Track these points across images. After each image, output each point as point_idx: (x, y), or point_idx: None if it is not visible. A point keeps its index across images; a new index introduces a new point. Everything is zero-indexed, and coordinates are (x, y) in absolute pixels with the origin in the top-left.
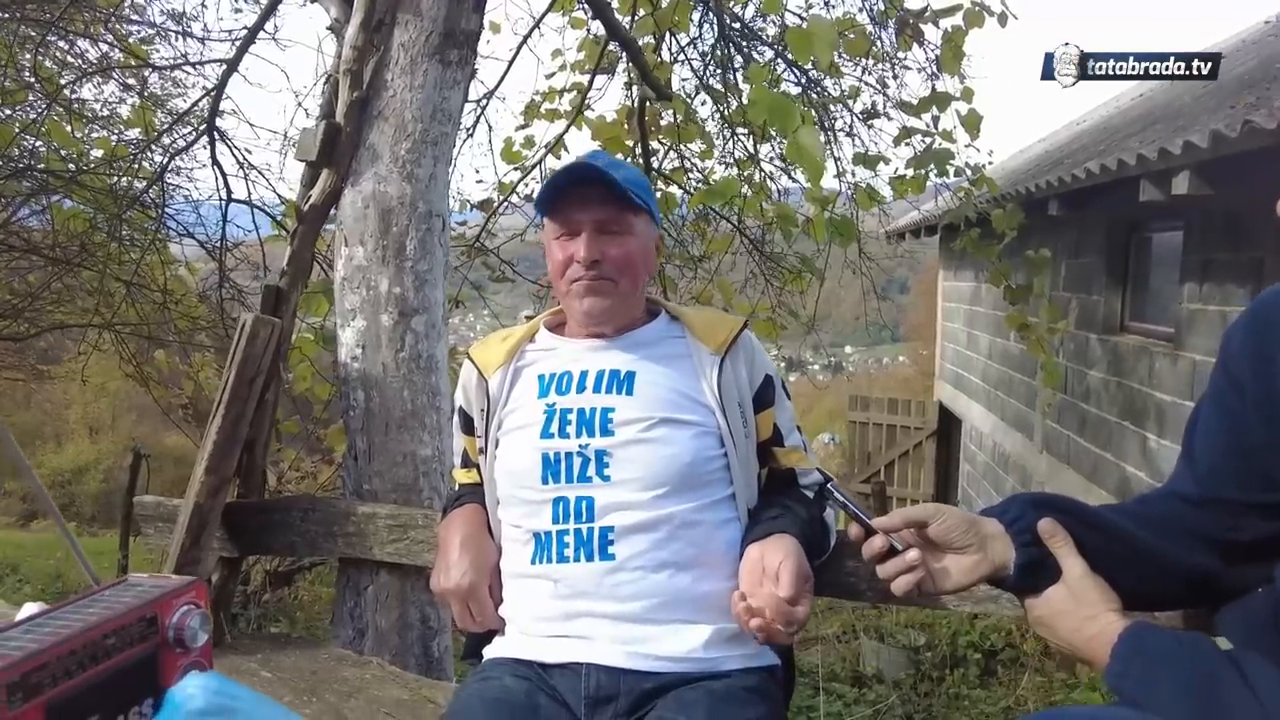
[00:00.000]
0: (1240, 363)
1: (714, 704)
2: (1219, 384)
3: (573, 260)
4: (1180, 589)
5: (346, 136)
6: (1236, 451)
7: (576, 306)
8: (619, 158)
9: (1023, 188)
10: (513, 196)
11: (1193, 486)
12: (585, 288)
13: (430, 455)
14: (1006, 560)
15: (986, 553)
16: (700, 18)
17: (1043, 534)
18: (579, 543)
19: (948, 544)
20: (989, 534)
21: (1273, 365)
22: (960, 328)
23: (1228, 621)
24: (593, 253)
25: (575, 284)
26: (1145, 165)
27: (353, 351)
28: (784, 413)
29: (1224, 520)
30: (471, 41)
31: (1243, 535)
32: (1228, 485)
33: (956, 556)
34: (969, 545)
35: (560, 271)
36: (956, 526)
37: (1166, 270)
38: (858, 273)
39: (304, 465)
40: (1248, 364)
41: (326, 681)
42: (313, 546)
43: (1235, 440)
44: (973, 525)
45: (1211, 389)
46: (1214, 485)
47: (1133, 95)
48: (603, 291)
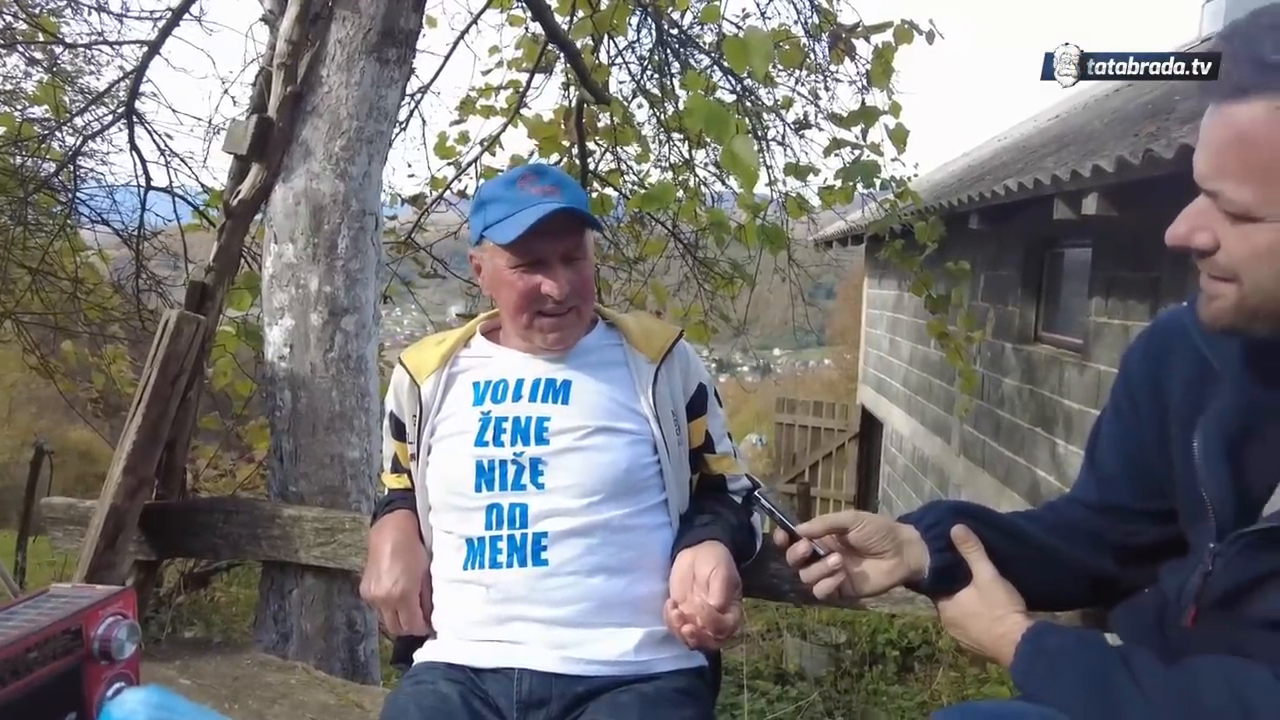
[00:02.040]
0: (1138, 380)
1: (645, 706)
2: (1119, 398)
3: (538, 293)
4: (1082, 589)
5: (279, 131)
6: (1133, 462)
7: (538, 339)
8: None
9: (945, 201)
10: (446, 193)
11: (1094, 493)
12: (553, 324)
13: (359, 458)
14: (922, 565)
15: (903, 557)
16: (639, 22)
17: (956, 540)
18: (512, 548)
19: (867, 549)
20: (906, 539)
21: (1165, 385)
22: (883, 334)
23: (1119, 619)
24: (565, 287)
25: (542, 319)
26: (1059, 185)
27: (280, 351)
28: (716, 420)
29: (1121, 525)
30: (410, 40)
31: (1138, 540)
32: (1125, 493)
33: (875, 561)
34: (887, 550)
35: (524, 305)
36: (875, 533)
37: (1076, 285)
38: (787, 279)
39: (222, 463)
40: (1144, 382)
41: (249, 687)
42: (236, 549)
43: (1131, 451)
44: (890, 531)
45: (1112, 402)
46: (1113, 493)
47: (1049, 116)
48: (568, 324)
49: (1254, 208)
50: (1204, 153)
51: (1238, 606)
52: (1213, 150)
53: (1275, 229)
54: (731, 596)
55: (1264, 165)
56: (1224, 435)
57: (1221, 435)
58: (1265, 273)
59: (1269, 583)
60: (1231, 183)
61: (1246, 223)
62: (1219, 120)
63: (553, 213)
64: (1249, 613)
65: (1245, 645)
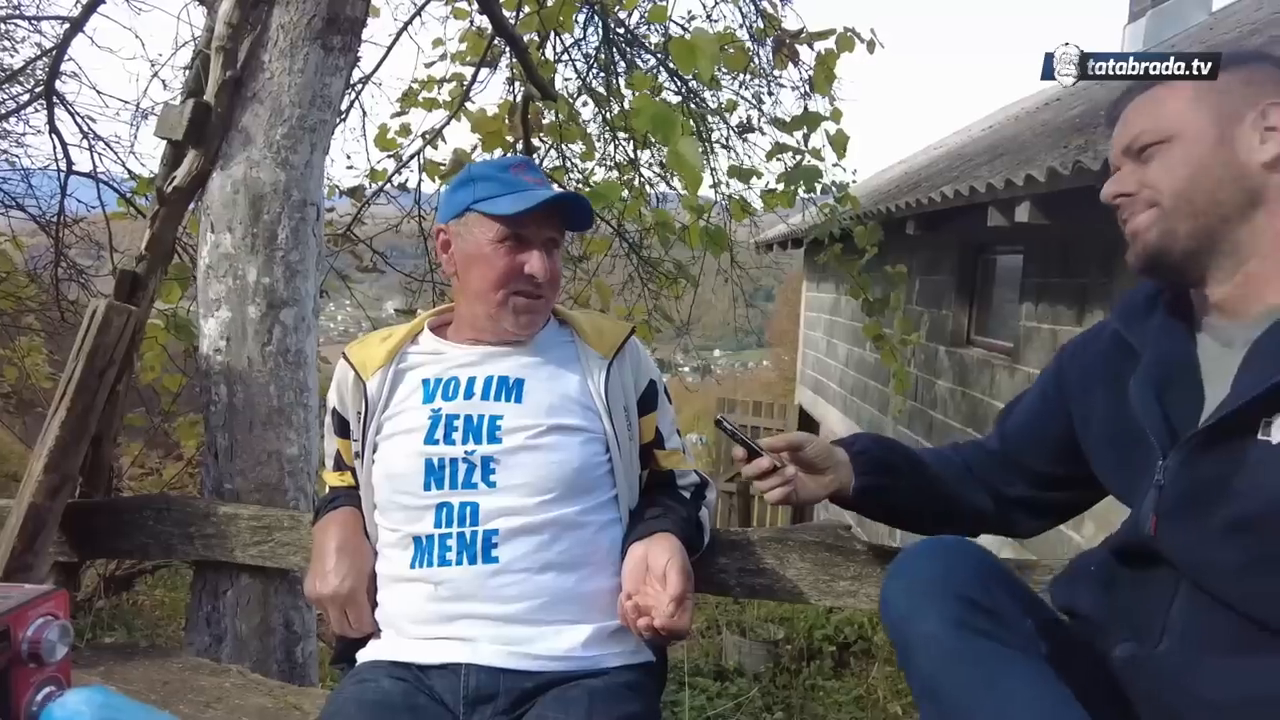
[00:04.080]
0: (1070, 371)
1: (594, 701)
2: (1048, 377)
3: (520, 272)
4: (960, 516)
5: (217, 117)
6: (1038, 430)
7: (510, 319)
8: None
9: (883, 207)
10: (387, 186)
11: (996, 443)
12: (527, 305)
13: (297, 454)
14: (848, 483)
15: (837, 475)
16: (585, 20)
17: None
18: (461, 546)
19: (812, 465)
20: (839, 460)
21: (1089, 375)
22: (821, 336)
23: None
24: (547, 271)
25: (518, 298)
26: (993, 193)
27: (216, 344)
28: (665, 416)
29: (1003, 474)
30: (356, 28)
31: (1011, 490)
32: (1019, 448)
33: (816, 476)
34: (827, 467)
35: (503, 281)
36: (821, 452)
37: (1008, 290)
38: (729, 280)
39: (148, 461)
40: (1076, 377)
41: (180, 692)
42: (167, 549)
43: (1040, 421)
44: (830, 452)
45: (1040, 381)
46: (1012, 446)
47: (983, 126)
48: (538, 309)
49: (1163, 131)
50: (1120, 130)
51: (1194, 512)
52: (1126, 122)
53: (1179, 140)
54: (687, 588)
55: (1163, 102)
56: (1151, 384)
57: (1150, 383)
58: (1180, 177)
59: (1218, 487)
60: (1143, 128)
61: (1159, 146)
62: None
63: (559, 199)
64: (1208, 521)
65: (1203, 551)
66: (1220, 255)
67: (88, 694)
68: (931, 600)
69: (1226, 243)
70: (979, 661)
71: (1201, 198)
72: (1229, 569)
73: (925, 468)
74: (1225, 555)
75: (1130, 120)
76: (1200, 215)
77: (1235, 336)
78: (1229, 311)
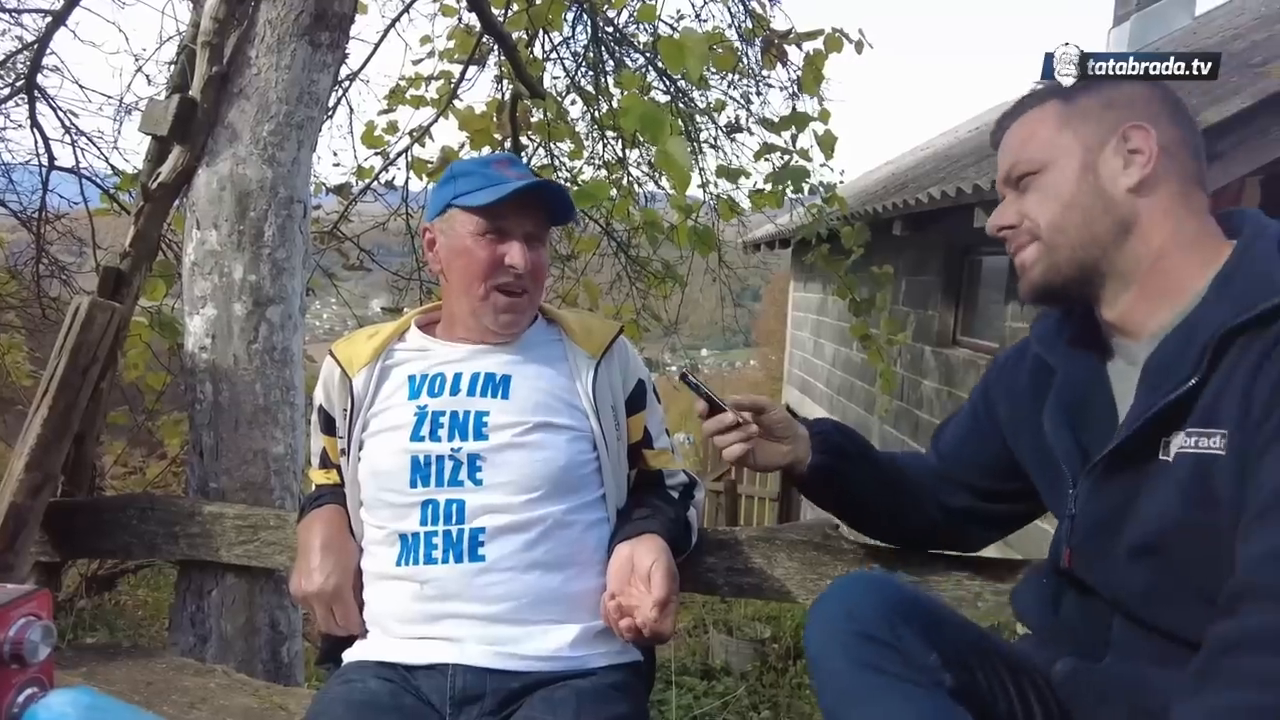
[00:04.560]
0: (996, 390)
1: (581, 702)
2: (978, 395)
3: (501, 264)
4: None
5: (203, 113)
6: (972, 447)
7: (491, 316)
8: None
9: (870, 208)
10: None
11: (935, 460)
12: (508, 303)
13: (283, 453)
14: (805, 458)
15: (795, 447)
16: (574, 19)
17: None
18: (448, 544)
19: (771, 431)
20: (799, 434)
21: (1013, 391)
22: (808, 335)
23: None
24: (528, 262)
25: (499, 294)
26: (980, 194)
27: (201, 341)
28: (654, 416)
29: (946, 486)
30: (344, 25)
31: (955, 501)
32: (956, 465)
33: (775, 444)
34: (786, 437)
35: (484, 274)
36: (782, 420)
37: (993, 291)
38: (716, 280)
39: (131, 460)
40: (1003, 394)
41: (164, 693)
42: (151, 549)
43: (971, 437)
44: (792, 424)
45: (972, 397)
46: (948, 462)
47: (970, 127)
48: (520, 307)
49: (1035, 161)
50: (1000, 158)
51: (1101, 540)
52: (1003, 151)
53: (1050, 169)
54: (672, 589)
55: (1034, 131)
56: (1063, 408)
57: (1061, 409)
58: (1053, 210)
59: (1122, 513)
60: (1017, 158)
61: (1033, 176)
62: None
63: (535, 186)
64: (1112, 547)
65: (1115, 578)
66: (1106, 279)
67: (73, 695)
68: (836, 637)
69: (1108, 268)
70: (874, 698)
71: (1075, 230)
72: (1137, 592)
73: (882, 464)
74: (1133, 580)
75: (1006, 149)
76: (1077, 247)
77: (1137, 355)
78: (1127, 332)
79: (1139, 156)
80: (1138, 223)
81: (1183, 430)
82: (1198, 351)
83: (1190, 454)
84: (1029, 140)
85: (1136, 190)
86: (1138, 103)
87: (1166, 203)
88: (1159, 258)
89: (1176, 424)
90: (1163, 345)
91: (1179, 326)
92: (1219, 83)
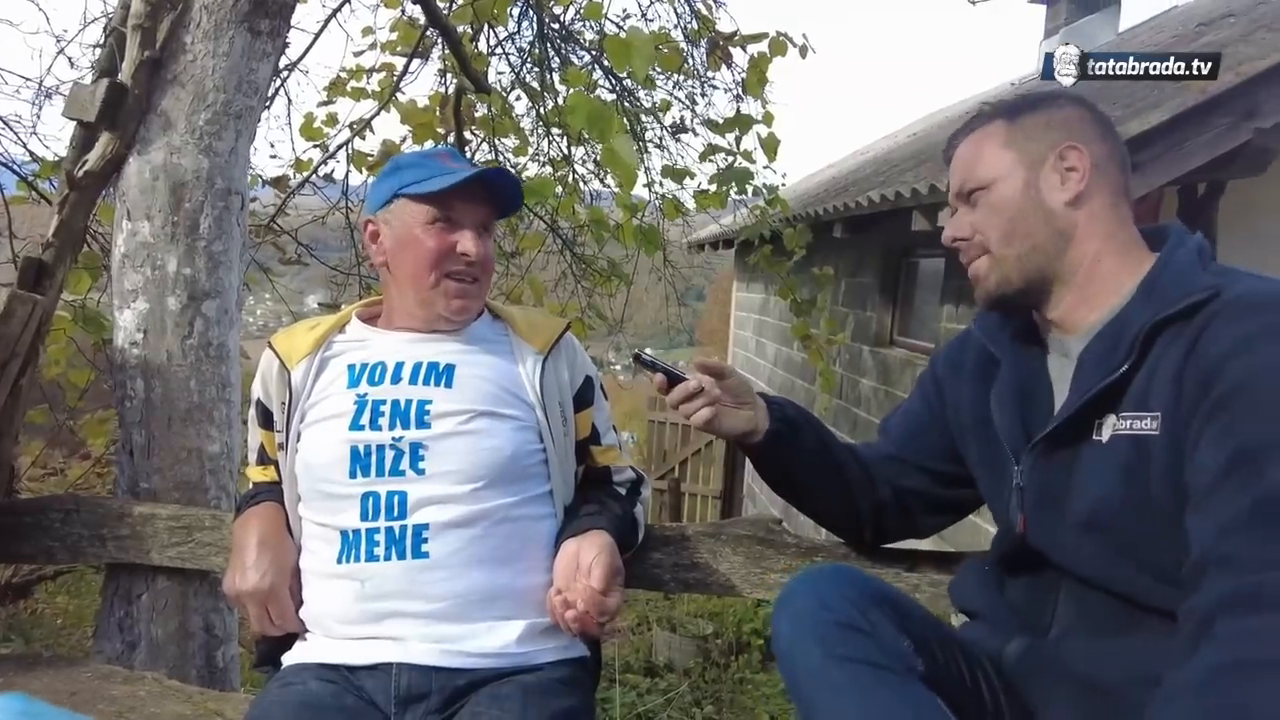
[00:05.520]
0: (942, 376)
1: (528, 697)
2: (927, 382)
3: (453, 251)
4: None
5: (134, 99)
6: (923, 433)
7: (443, 303)
8: None
9: (811, 210)
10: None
11: (886, 445)
12: (460, 289)
13: (218, 451)
14: (762, 426)
15: (755, 413)
16: (520, 14)
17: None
18: (390, 541)
19: (732, 396)
20: (759, 402)
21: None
22: (750, 335)
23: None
24: (480, 250)
25: (451, 279)
26: (918, 198)
27: (133, 336)
28: (601, 413)
29: (897, 469)
30: (285, 13)
31: (906, 482)
32: (908, 450)
33: (734, 410)
34: (746, 403)
35: (435, 262)
36: (743, 385)
37: (929, 293)
38: (662, 279)
39: (50, 461)
40: (944, 376)
41: (90, 702)
42: (75, 552)
43: (920, 422)
44: (751, 389)
45: (921, 384)
46: (900, 446)
47: (909, 133)
48: (473, 294)
49: (982, 178)
50: (951, 173)
51: (1048, 510)
52: (954, 167)
53: (996, 186)
54: (613, 582)
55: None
56: (1009, 394)
57: (1007, 394)
58: (1001, 225)
59: (1064, 486)
60: (966, 175)
61: (981, 192)
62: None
63: (484, 177)
64: (1060, 517)
65: (1068, 543)
66: (1052, 284)
67: (5, 701)
68: (812, 629)
69: (1053, 274)
70: (853, 687)
71: (1021, 242)
72: (1092, 557)
73: (834, 440)
74: (1084, 546)
75: (957, 165)
76: (1024, 258)
77: (1072, 349)
78: (1065, 328)
79: (1074, 174)
80: (1075, 233)
81: (1115, 414)
82: (1129, 342)
83: (1126, 435)
84: (978, 158)
85: (1073, 204)
86: (1072, 123)
87: (1099, 214)
88: (1094, 263)
89: (1109, 408)
90: (1096, 339)
91: (1110, 322)
92: (1140, 95)
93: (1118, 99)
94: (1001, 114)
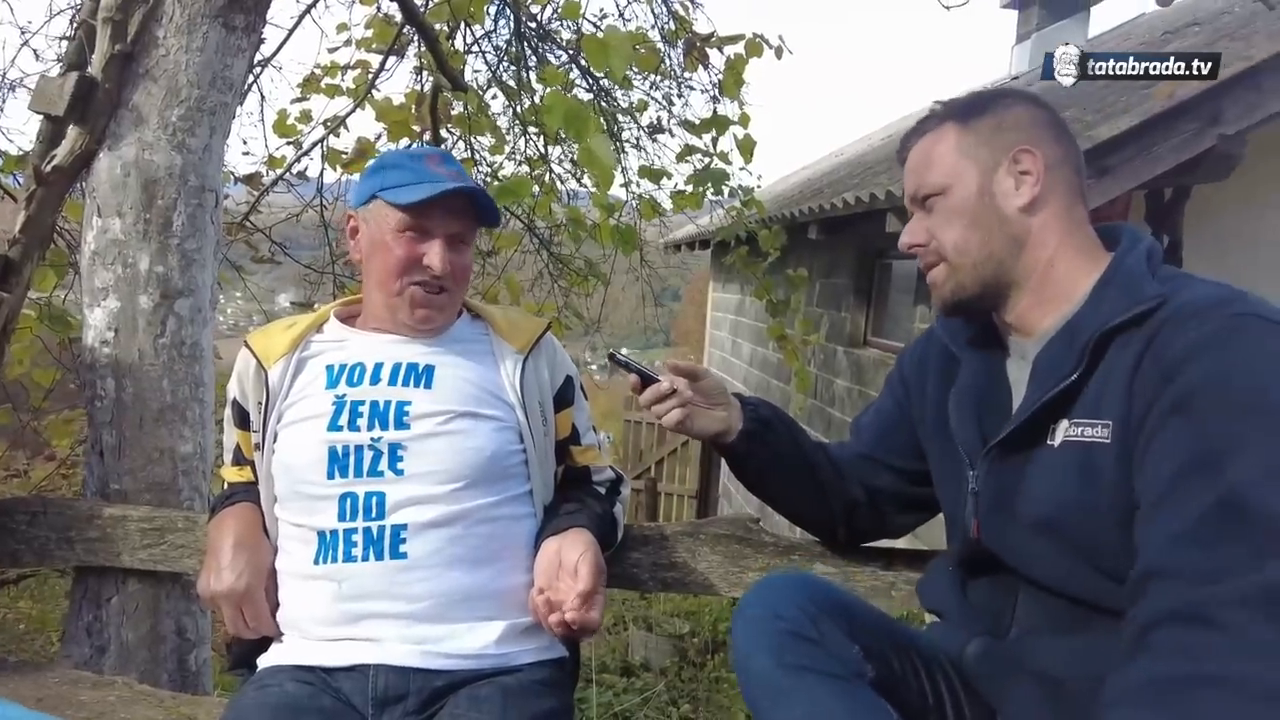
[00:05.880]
0: (908, 376)
1: (507, 698)
2: (894, 382)
3: (418, 263)
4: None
5: (104, 93)
6: (893, 431)
7: (406, 312)
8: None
9: (787, 212)
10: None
11: (859, 445)
12: (425, 298)
13: (191, 452)
14: (735, 426)
15: (729, 414)
16: (497, 12)
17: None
18: (368, 541)
19: (707, 396)
20: (732, 402)
21: (923, 377)
22: (726, 335)
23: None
24: (446, 265)
25: (415, 289)
26: (891, 200)
27: (103, 335)
28: (582, 413)
29: (868, 468)
30: (260, 8)
31: (877, 481)
32: (880, 449)
33: (708, 410)
34: (720, 404)
35: (400, 270)
36: (716, 387)
37: (902, 294)
38: (638, 279)
39: (14, 462)
40: (910, 376)
41: (58, 708)
42: (42, 555)
43: (888, 422)
44: (725, 389)
45: (889, 385)
46: (872, 446)
47: (882, 135)
48: (438, 305)
49: (937, 184)
50: (905, 177)
51: (1002, 514)
52: (908, 171)
53: (951, 191)
54: (599, 582)
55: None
56: (967, 397)
57: (965, 397)
58: (956, 231)
59: (1015, 490)
60: (920, 180)
61: (937, 197)
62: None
63: (460, 190)
64: (1012, 519)
65: (1020, 547)
66: (1008, 288)
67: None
68: (761, 637)
69: (1009, 279)
70: (801, 694)
71: (976, 249)
72: (1042, 559)
73: (808, 440)
74: (1037, 549)
75: (910, 170)
76: (980, 264)
77: (1029, 352)
78: (1022, 331)
79: (1028, 178)
80: (1030, 238)
81: (1067, 419)
82: (1079, 350)
83: (1078, 442)
84: (930, 163)
85: (1027, 209)
86: (1024, 125)
87: (1053, 217)
88: (1049, 267)
89: (1062, 413)
90: (1050, 344)
91: (1063, 328)
92: (1110, 100)
93: (1089, 104)
94: (953, 116)
